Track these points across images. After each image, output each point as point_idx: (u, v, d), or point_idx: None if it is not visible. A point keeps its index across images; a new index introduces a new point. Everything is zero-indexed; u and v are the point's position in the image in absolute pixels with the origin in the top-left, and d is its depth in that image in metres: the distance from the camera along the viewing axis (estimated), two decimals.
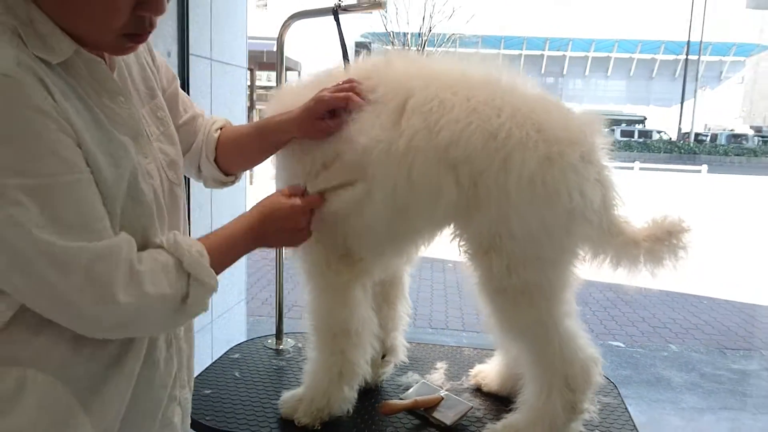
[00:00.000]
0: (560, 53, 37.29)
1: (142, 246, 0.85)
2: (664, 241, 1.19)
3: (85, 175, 0.77)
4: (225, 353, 1.66)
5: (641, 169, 17.58)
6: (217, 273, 0.91)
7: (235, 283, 3.29)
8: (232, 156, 1.22)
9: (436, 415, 1.29)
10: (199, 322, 3.05)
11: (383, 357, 1.42)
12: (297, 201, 1.11)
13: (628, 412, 1.37)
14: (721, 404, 3.89)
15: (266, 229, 1.05)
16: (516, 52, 36.37)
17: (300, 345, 1.73)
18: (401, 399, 1.34)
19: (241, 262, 2.98)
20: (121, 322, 0.80)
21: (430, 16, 19.66)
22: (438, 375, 1.50)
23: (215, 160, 1.21)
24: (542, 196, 1.06)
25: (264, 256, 6.19)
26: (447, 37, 19.68)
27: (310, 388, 1.26)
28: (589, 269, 1.23)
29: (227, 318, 3.40)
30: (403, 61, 1.21)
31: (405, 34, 19.42)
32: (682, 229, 1.20)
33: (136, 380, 0.89)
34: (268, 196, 1.10)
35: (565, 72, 38.00)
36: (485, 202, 1.10)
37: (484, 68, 1.18)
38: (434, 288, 6.18)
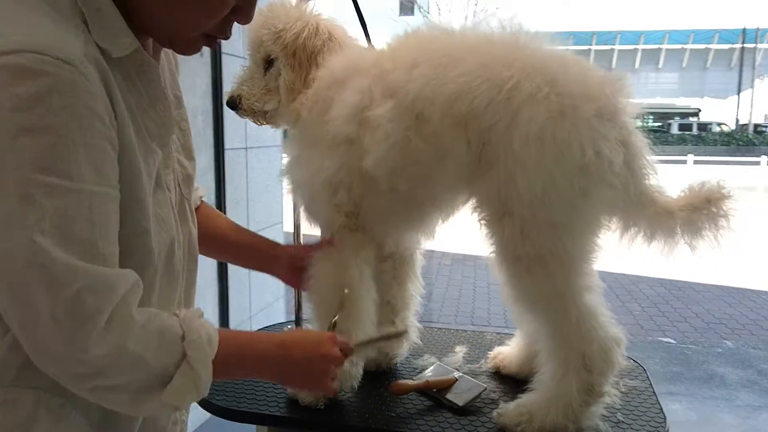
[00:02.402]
0: (608, 47, 36.35)
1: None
2: (702, 210, 1.10)
3: (113, 192, 0.72)
4: None
5: (695, 162, 16.91)
6: (218, 375, 0.77)
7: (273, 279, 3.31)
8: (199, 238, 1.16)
9: (449, 396, 1.23)
10: (238, 316, 3.09)
11: None
12: (338, 351, 0.96)
13: (655, 395, 1.28)
14: None
15: (296, 353, 0.90)
16: (562, 48, 35.68)
17: None
18: (414, 380, 1.30)
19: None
20: (81, 373, 0.69)
21: (473, 14, 19.51)
22: (456, 358, 1.44)
23: None
24: (551, 152, 1.00)
25: None
26: None
27: None
28: (623, 243, 1.16)
29: (266, 314, 3.43)
30: (431, 29, 1.20)
31: None
32: (722, 196, 1.10)
33: None
34: (313, 332, 1.02)
35: (613, 66, 37.03)
36: (494, 161, 1.05)
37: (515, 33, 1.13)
38: (477, 286, 6.09)
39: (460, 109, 1.06)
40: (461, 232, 2.07)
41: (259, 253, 1.26)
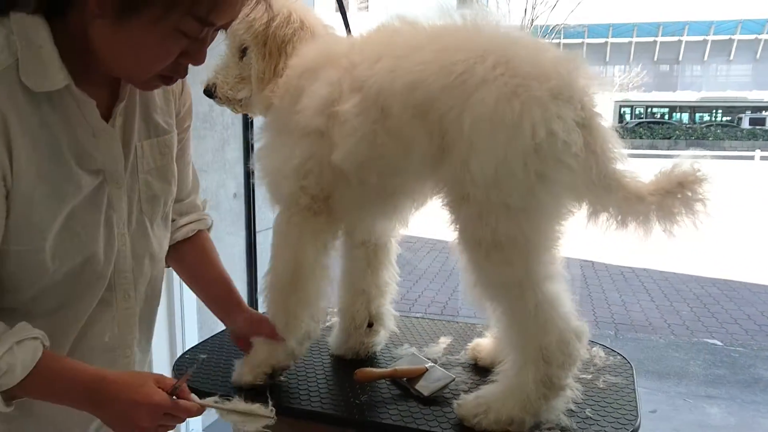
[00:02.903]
0: (675, 39, 34.90)
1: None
2: (676, 194, 1.04)
3: None
4: None
5: (762, 158, 15.96)
6: (23, 396, 0.82)
7: None
8: (181, 267, 1.20)
9: (417, 386, 1.21)
10: None
11: (370, 326, 1.37)
12: (165, 397, 0.87)
13: (635, 392, 1.22)
14: None
15: (110, 397, 0.84)
16: (626, 40, 34.53)
17: None
18: (381, 368, 1.29)
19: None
20: None
21: (533, 8, 19.06)
22: (437, 348, 1.42)
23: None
24: (502, 133, 0.97)
25: None
26: (550, 28, 18.98)
27: (256, 343, 1.23)
28: (597, 228, 1.11)
29: None
30: (399, 22, 1.17)
31: None
32: (695, 179, 1.04)
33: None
34: (143, 375, 0.89)
35: (680, 58, 35.55)
36: (452, 146, 1.03)
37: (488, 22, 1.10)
38: None
39: (418, 99, 1.04)
40: None
41: (218, 307, 1.26)
